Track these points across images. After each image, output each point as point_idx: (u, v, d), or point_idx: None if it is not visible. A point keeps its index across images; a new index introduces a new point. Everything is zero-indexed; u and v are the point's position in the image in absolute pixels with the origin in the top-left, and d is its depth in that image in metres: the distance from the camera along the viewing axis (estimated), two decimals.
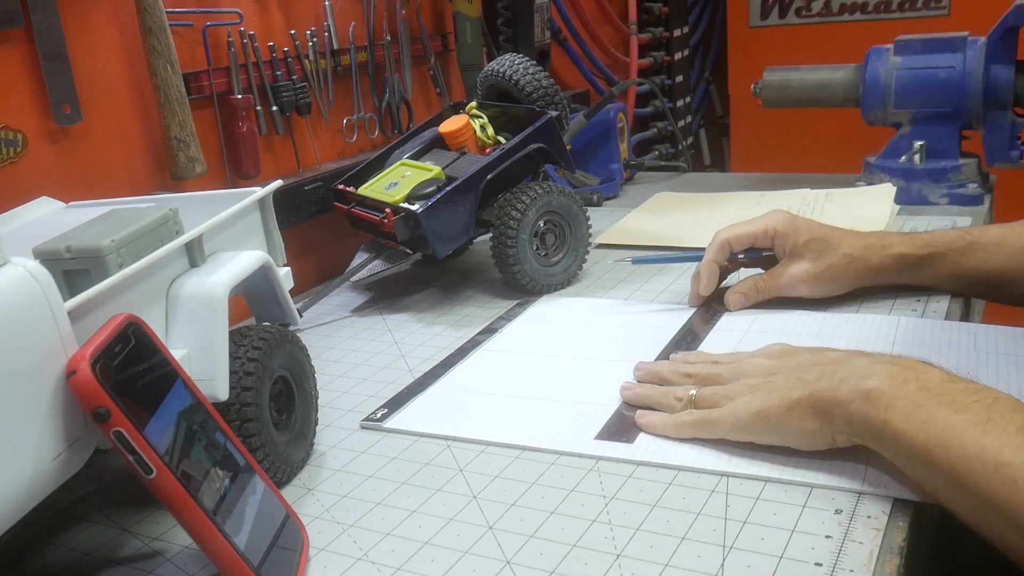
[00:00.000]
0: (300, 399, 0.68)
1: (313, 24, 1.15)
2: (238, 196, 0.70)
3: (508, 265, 0.97)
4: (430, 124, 1.11)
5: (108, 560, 0.59)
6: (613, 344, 0.84)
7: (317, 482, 0.66)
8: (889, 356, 0.60)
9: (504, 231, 0.96)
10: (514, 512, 0.59)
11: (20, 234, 0.68)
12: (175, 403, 0.52)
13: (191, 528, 0.50)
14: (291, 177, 1.11)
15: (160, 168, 0.96)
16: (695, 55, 2.38)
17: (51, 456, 0.47)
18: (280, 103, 1.09)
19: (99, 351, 0.48)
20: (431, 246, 0.94)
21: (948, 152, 1.18)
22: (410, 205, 0.94)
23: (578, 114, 1.26)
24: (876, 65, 1.21)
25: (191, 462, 0.51)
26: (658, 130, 2.11)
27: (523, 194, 0.97)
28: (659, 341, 0.83)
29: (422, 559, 0.55)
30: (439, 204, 0.93)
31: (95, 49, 0.89)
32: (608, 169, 1.40)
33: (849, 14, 2.02)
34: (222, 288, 0.60)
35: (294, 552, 0.56)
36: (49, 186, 0.80)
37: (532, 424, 0.70)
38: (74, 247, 0.56)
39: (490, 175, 0.95)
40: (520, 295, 1.00)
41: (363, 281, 0.99)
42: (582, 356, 0.82)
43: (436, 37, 1.37)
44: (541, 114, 1.00)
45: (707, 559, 0.52)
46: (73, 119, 0.86)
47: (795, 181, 1.30)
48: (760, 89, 1.32)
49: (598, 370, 0.78)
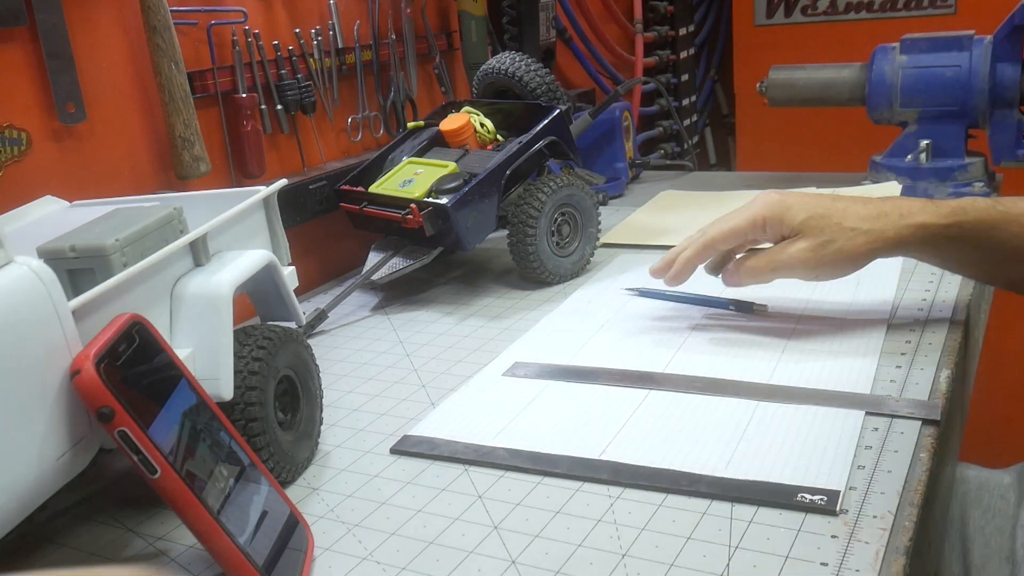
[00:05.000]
0: (305, 398, 0.68)
1: (318, 23, 1.15)
2: (243, 195, 0.70)
3: (527, 258, 1.00)
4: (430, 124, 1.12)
5: (112, 560, 0.59)
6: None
7: (322, 481, 0.66)
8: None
9: (523, 228, 0.98)
10: (519, 512, 0.59)
11: (24, 233, 0.68)
12: (179, 403, 0.52)
13: (196, 528, 0.49)
14: (296, 176, 1.11)
15: (164, 167, 0.96)
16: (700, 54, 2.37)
17: (55, 455, 0.47)
18: (285, 102, 1.09)
19: (103, 351, 0.47)
20: (460, 239, 0.95)
21: (954, 151, 1.18)
22: (436, 199, 0.94)
23: (583, 113, 1.26)
24: (882, 64, 1.21)
25: (195, 462, 0.51)
26: (663, 129, 2.10)
27: (539, 191, 0.99)
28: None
29: (427, 559, 0.55)
30: (467, 197, 0.95)
31: (99, 48, 0.89)
32: (613, 168, 1.40)
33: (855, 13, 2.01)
34: (227, 287, 0.60)
35: (299, 552, 0.56)
36: (53, 185, 0.80)
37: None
38: (78, 246, 0.56)
39: (510, 169, 0.98)
40: (534, 286, 1.02)
41: (384, 279, 0.99)
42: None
43: (441, 36, 1.37)
44: (547, 109, 1.01)
45: (713, 559, 0.52)
46: (77, 118, 0.86)
47: (801, 180, 1.30)
48: (766, 88, 1.31)
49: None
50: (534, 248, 0.99)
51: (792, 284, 0.89)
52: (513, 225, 0.99)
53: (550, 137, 1.01)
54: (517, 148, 0.99)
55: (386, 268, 1.01)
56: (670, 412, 0.69)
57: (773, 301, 0.87)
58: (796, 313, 0.86)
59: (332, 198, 1.10)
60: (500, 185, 0.97)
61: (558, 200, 1.00)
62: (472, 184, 0.95)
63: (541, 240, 0.99)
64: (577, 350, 0.83)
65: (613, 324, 0.89)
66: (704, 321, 0.86)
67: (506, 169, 0.97)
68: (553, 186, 1.00)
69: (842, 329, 0.81)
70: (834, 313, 0.85)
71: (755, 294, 0.89)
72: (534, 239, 0.99)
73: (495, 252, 1.16)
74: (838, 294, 0.88)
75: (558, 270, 1.02)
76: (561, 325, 0.90)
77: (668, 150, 2.09)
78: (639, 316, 0.90)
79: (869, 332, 0.79)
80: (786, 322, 0.84)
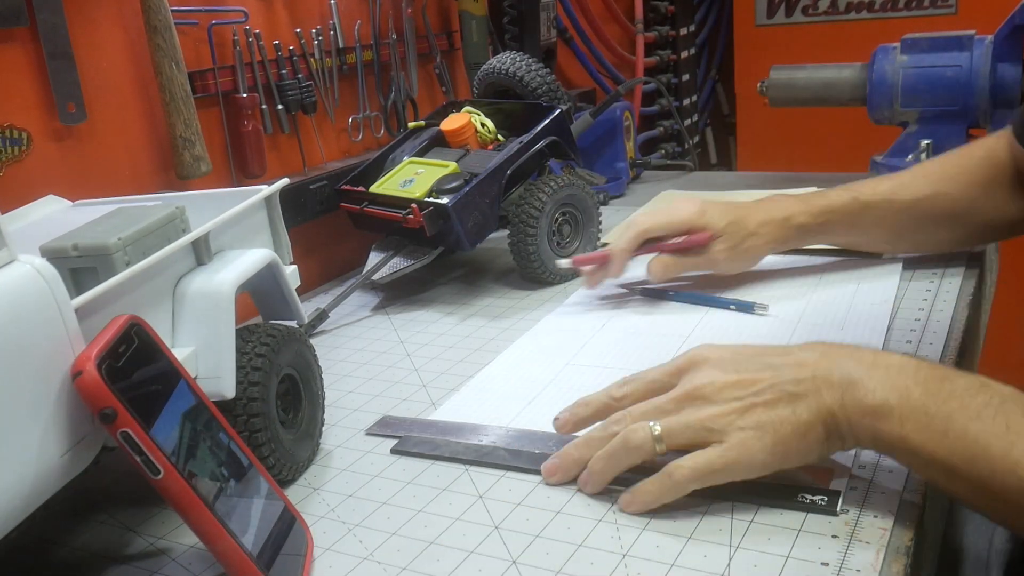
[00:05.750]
0: (307, 398, 0.68)
1: (319, 22, 1.15)
2: (245, 194, 0.70)
3: (528, 258, 1.00)
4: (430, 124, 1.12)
5: (113, 560, 0.59)
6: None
7: (323, 481, 0.66)
8: (858, 349, 0.57)
9: (523, 228, 0.98)
10: (520, 511, 0.59)
11: (27, 232, 0.68)
12: (179, 403, 0.52)
13: (199, 528, 0.49)
14: (296, 176, 1.11)
15: (165, 167, 0.96)
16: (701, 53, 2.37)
17: (58, 453, 0.47)
18: (285, 102, 1.09)
19: (104, 351, 0.47)
20: (461, 239, 0.95)
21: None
22: (437, 199, 0.94)
23: (584, 113, 1.26)
24: (883, 64, 1.21)
25: (196, 462, 0.51)
26: (664, 129, 2.10)
27: (540, 191, 0.99)
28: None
29: (428, 558, 0.55)
30: (468, 197, 0.95)
31: (100, 48, 0.89)
32: (614, 168, 1.40)
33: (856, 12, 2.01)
34: (229, 286, 0.60)
35: (299, 552, 0.56)
36: (54, 185, 0.80)
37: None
38: (81, 245, 0.56)
39: (511, 168, 0.98)
40: (535, 286, 1.02)
41: (385, 279, 0.99)
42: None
43: (442, 35, 1.37)
44: (549, 109, 1.01)
45: (713, 559, 0.52)
46: (78, 118, 0.86)
47: (801, 180, 1.30)
48: (766, 88, 1.31)
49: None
50: (535, 248, 0.99)
51: (792, 284, 0.90)
52: (514, 225, 1.00)
53: (551, 137, 1.01)
54: (518, 148, 0.99)
55: (387, 268, 1.01)
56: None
57: (774, 301, 0.87)
58: (796, 313, 0.86)
59: (333, 198, 1.10)
60: (501, 185, 0.97)
61: (559, 200, 1.00)
62: (473, 184, 0.95)
63: (542, 240, 1.00)
64: (577, 350, 0.83)
65: (613, 323, 0.89)
66: (705, 321, 0.86)
67: (507, 169, 0.98)
68: (554, 186, 1.00)
69: (842, 329, 0.81)
70: (834, 313, 0.85)
71: (756, 295, 0.89)
72: (535, 239, 0.99)
73: (496, 252, 1.16)
74: (838, 294, 0.89)
75: (558, 269, 1.02)
76: (562, 325, 0.90)
77: (669, 150, 2.09)
78: (640, 315, 0.90)
79: (869, 333, 0.79)
80: (786, 322, 0.84)
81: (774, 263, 0.97)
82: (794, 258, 0.98)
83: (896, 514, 0.54)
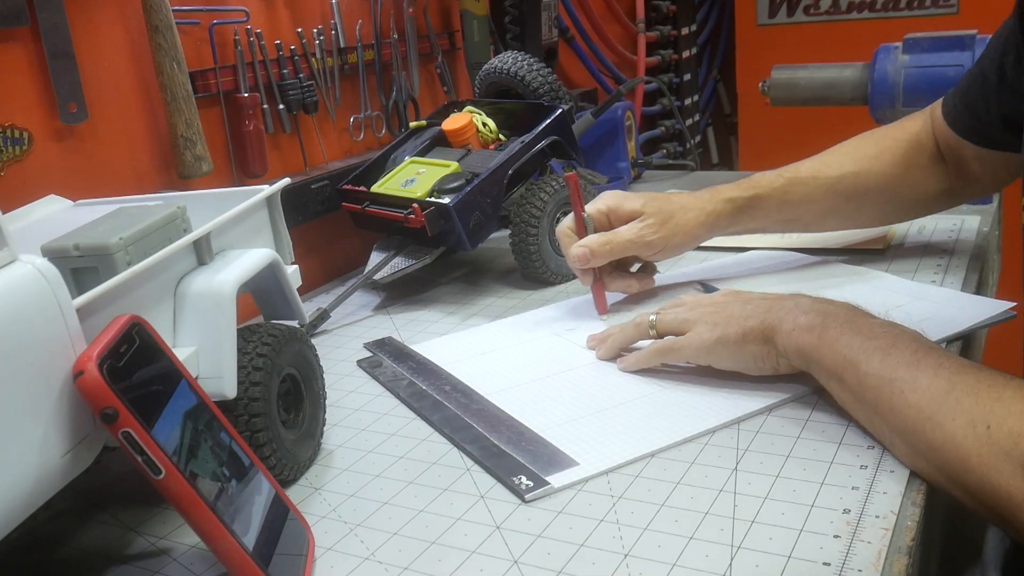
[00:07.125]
0: (308, 397, 0.68)
1: (320, 22, 1.15)
2: (246, 194, 0.70)
3: (529, 258, 1.00)
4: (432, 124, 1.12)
5: (115, 559, 0.59)
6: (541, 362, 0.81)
7: (324, 481, 0.66)
8: (828, 299, 0.68)
9: (525, 228, 0.98)
10: (521, 511, 0.59)
11: (28, 232, 0.68)
12: (180, 403, 0.52)
13: (200, 528, 0.49)
14: (298, 176, 1.11)
15: (166, 167, 0.96)
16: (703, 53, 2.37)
17: (60, 453, 0.47)
18: (287, 101, 1.09)
19: (105, 352, 0.47)
20: (462, 239, 0.95)
21: None
22: (438, 199, 0.94)
23: (586, 112, 1.26)
24: (884, 63, 1.20)
25: (198, 462, 0.51)
26: (666, 128, 2.11)
27: (541, 191, 0.99)
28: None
29: (429, 558, 0.55)
30: (469, 197, 0.95)
31: (101, 47, 0.89)
32: (616, 167, 1.40)
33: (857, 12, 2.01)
34: (230, 286, 0.60)
35: (301, 552, 0.56)
36: (55, 184, 0.80)
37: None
38: (82, 245, 0.56)
39: (513, 168, 0.98)
40: (536, 286, 1.03)
41: (386, 279, 0.99)
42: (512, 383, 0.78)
43: (443, 35, 1.37)
44: (550, 108, 1.01)
45: (715, 559, 0.52)
46: (79, 117, 0.86)
47: None
48: (768, 87, 1.31)
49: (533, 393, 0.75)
50: (536, 248, 0.99)
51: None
52: (515, 225, 1.00)
53: (552, 137, 1.02)
54: (519, 148, 0.99)
55: (388, 268, 1.01)
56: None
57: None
58: None
59: (334, 198, 1.10)
60: (502, 185, 0.97)
61: (560, 200, 1.00)
62: (474, 184, 0.95)
63: (543, 240, 1.00)
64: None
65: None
66: None
67: (508, 169, 0.98)
68: (555, 186, 1.00)
69: None
70: None
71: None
72: (536, 239, 0.99)
73: (497, 252, 1.16)
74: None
75: (560, 270, 1.02)
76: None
77: (670, 150, 2.09)
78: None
79: None
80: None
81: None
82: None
83: (898, 514, 0.54)
